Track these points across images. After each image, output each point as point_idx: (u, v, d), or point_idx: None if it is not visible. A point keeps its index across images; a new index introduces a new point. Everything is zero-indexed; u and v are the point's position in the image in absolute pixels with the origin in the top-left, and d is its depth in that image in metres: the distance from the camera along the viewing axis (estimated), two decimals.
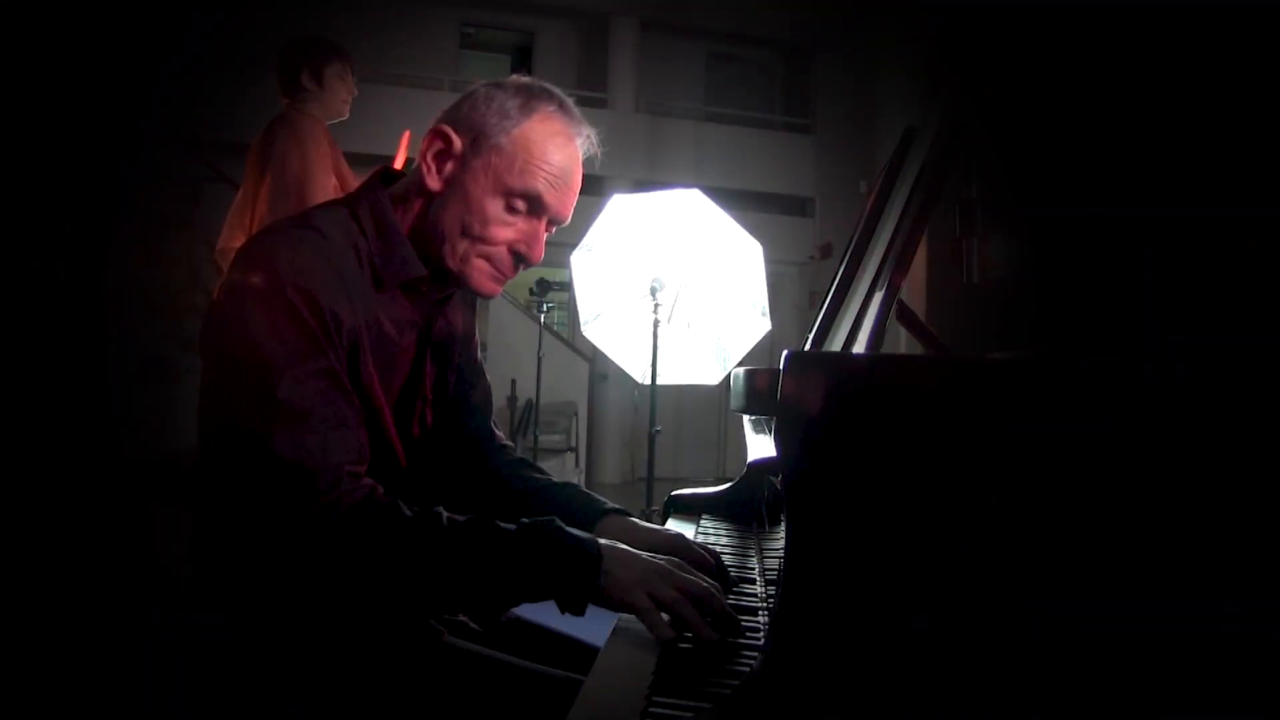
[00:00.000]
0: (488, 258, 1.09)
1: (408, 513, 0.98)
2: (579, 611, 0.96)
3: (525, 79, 1.12)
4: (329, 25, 7.72)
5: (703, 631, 0.90)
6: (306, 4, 7.71)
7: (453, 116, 1.09)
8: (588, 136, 1.12)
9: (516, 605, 0.99)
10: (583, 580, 0.94)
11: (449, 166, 1.07)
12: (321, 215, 1.08)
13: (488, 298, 1.14)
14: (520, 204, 1.07)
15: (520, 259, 1.09)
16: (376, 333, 1.07)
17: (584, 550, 0.95)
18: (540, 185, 1.06)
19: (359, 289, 1.04)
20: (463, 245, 1.07)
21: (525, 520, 0.98)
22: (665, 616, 0.92)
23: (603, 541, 0.97)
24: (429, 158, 1.08)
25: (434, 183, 1.07)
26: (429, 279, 1.11)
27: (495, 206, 1.06)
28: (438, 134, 1.08)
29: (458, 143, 1.07)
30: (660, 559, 0.97)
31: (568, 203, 1.11)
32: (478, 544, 0.96)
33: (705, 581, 0.95)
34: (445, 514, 0.98)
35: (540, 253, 1.10)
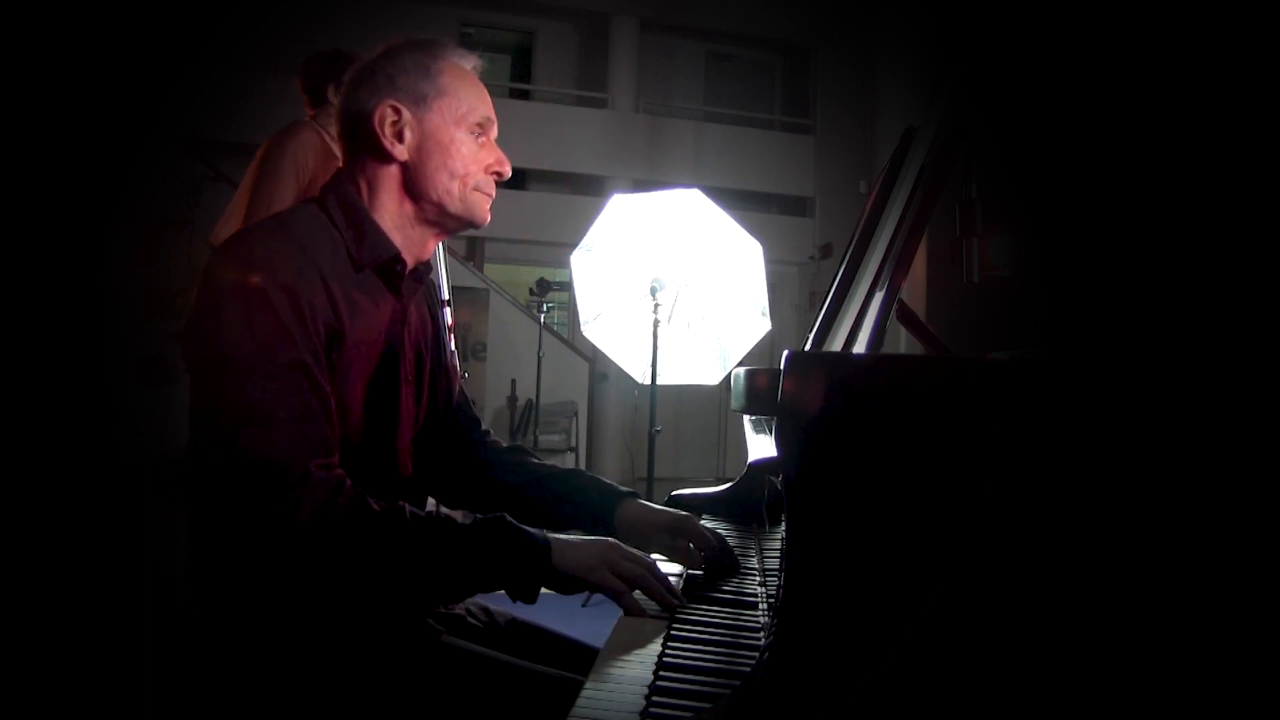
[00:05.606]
0: (478, 188, 1.19)
1: (374, 508, 1.02)
2: (530, 599, 1.05)
3: (401, 38, 1.22)
4: (329, 25, 7.72)
5: (665, 598, 1.05)
6: (307, 4, 7.71)
7: (377, 92, 1.15)
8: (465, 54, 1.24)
9: (473, 595, 1.07)
10: (535, 569, 1.04)
11: (408, 134, 1.15)
12: (291, 213, 1.16)
13: (483, 224, 1.22)
14: (479, 128, 1.19)
15: (498, 176, 1.21)
16: (358, 308, 1.12)
17: (534, 542, 1.05)
18: (486, 106, 1.20)
19: (337, 271, 1.10)
20: (455, 186, 1.17)
21: (479, 516, 1.06)
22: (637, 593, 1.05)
23: (550, 535, 1.07)
24: (388, 134, 1.14)
25: (403, 153, 1.15)
26: (400, 258, 1.17)
27: (467, 140, 1.17)
28: (385, 112, 1.14)
29: (406, 111, 1.15)
30: (603, 539, 1.10)
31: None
32: (438, 541, 1.03)
33: (644, 556, 1.09)
34: (408, 509, 1.05)
35: (509, 165, 1.22)
